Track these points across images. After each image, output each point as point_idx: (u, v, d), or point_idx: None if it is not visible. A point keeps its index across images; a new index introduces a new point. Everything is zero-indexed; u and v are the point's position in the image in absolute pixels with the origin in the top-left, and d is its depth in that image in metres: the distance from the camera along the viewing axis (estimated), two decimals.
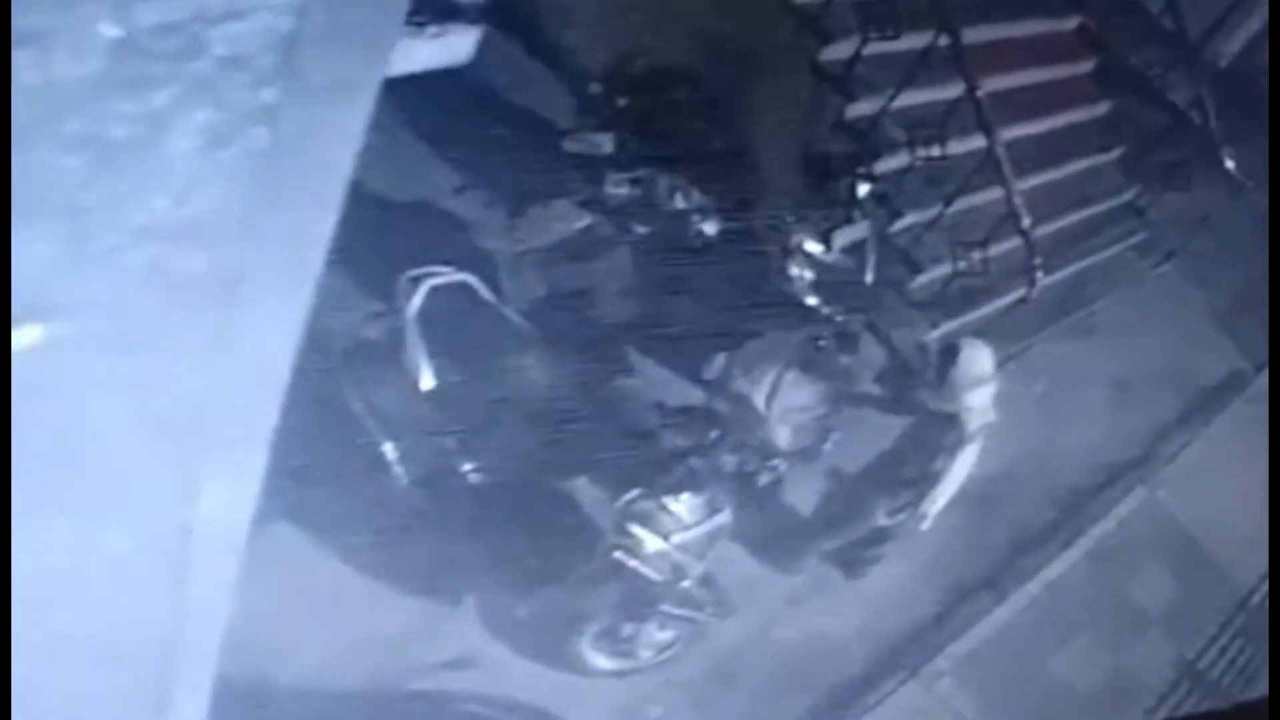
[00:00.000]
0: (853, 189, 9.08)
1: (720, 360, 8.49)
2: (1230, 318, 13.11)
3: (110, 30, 1.39)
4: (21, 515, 1.77)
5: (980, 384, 8.32)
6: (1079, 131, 12.50)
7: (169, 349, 1.75)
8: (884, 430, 8.96)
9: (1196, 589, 11.17)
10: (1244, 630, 11.09)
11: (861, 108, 10.09)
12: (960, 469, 8.51)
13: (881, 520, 8.81)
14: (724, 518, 7.68)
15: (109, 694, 2.29)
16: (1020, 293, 10.05)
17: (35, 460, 1.73)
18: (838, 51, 9.95)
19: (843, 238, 9.09)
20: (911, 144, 9.89)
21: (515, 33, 9.66)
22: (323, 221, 1.82)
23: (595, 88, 9.19)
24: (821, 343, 8.31)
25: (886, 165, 10.00)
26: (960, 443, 8.38)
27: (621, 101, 9.05)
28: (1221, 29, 13.22)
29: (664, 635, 8.05)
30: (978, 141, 9.91)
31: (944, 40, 9.54)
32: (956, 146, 9.95)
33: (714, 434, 7.74)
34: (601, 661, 7.97)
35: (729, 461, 7.80)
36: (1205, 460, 11.90)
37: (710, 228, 8.74)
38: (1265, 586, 11.02)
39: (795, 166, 9.80)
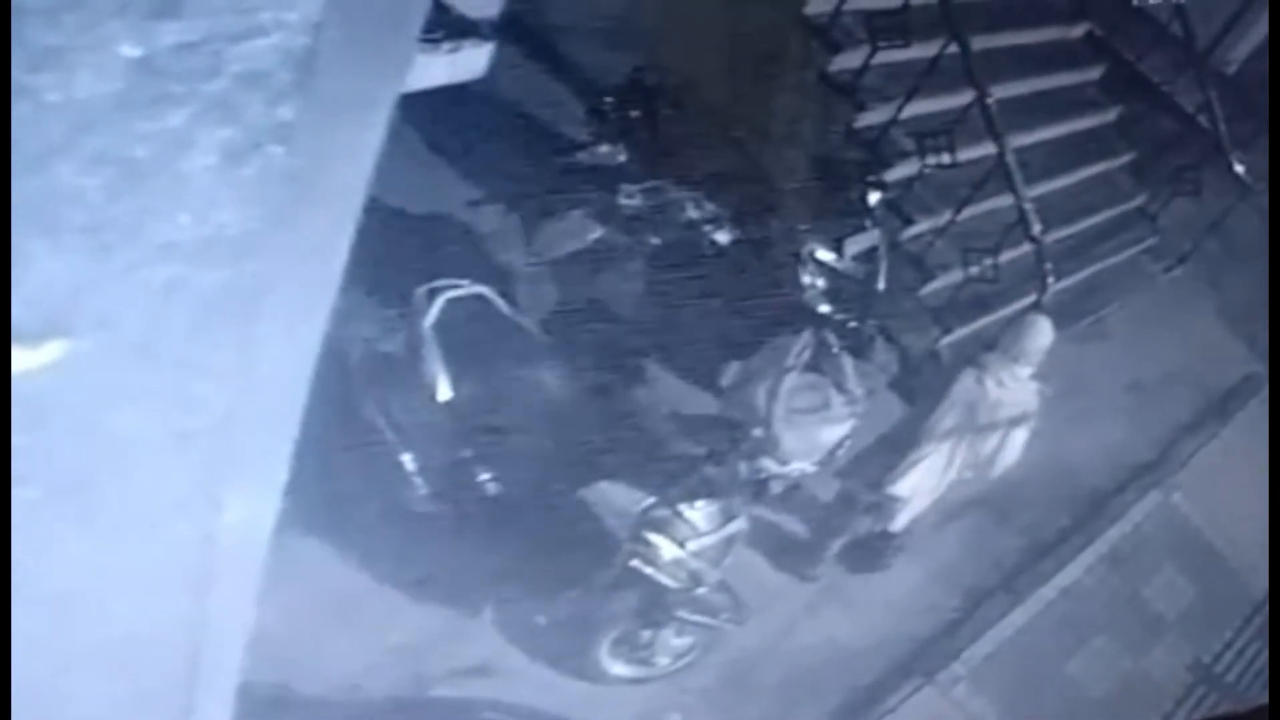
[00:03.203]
0: (864, 197, 9.08)
1: (734, 368, 8.51)
2: (1243, 320, 13.07)
3: (130, 50, 1.42)
4: (47, 526, 1.80)
5: (1033, 356, 8.45)
6: (1088, 138, 12.50)
7: (191, 363, 1.78)
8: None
9: (1212, 592, 11.14)
10: (1260, 633, 11.05)
11: (871, 116, 10.11)
12: (933, 466, 8.58)
13: (862, 497, 8.83)
14: (739, 524, 7.69)
15: (135, 701, 2.32)
16: (1032, 298, 10.05)
17: (60, 472, 1.76)
18: (847, 61, 9.97)
19: (854, 245, 9.11)
20: (921, 152, 9.90)
21: (529, 48, 9.69)
22: (340, 236, 1.85)
23: (608, 100, 9.18)
24: (834, 350, 8.33)
25: (897, 173, 10.02)
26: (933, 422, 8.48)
27: (634, 114, 9.05)
28: (1229, 35, 13.21)
29: (681, 642, 8.06)
30: (987, 149, 9.92)
31: (953, 49, 9.56)
32: (966, 154, 9.94)
33: (728, 441, 7.75)
34: (619, 669, 7.99)
35: (744, 469, 7.82)
36: (1220, 463, 11.87)
37: (723, 237, 8.76)
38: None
39: (806, 175, 9.81)
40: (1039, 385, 8.66)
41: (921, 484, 8.70)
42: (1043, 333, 8.56)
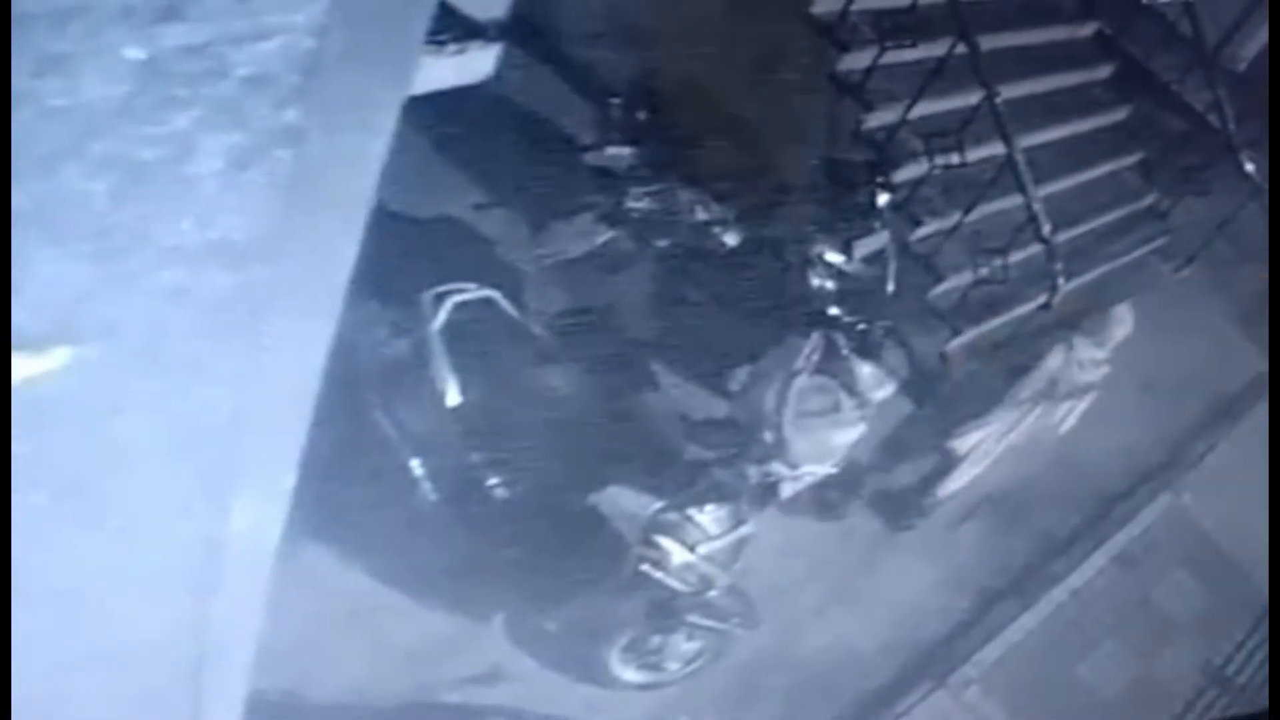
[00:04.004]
0: (872, 198, 9.06)
1: (743, 371, 8.49)
2: (1252, 321, 13.02)
3: (136, 54, 1.41)
4: (53, 531, 1.79)
5: (1113, 341, 9.65)
6: (1098, 137, 12.47)
7: (197, 368, 1.77)
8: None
9: (1222, 594, 11.11)
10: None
11: (880, 117, 10.06)
12: (997, 430, 8.92)
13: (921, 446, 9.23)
14: (749, 528, 7.67)
15: (142, 708, 2.31)
16: (1042, 299, 10.02)
17: (66, 478, 1.75)
18: (855, 61, 9.93)
19: (863, 247, 9.09)
20: (930, 153, 9.86)
21: (536, 50, 9.67)
22: (347, 240, 1.83)
23: (615, 102, 9.17)
24: (843, 352, 8.31)
25: (905, 174, 9.97)
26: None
27: (642, 115, 9.04)
28: (1238, 33, 13.18)
29: (691, 646, 8.03)
30: (996, 149, 9.89)
31: (961, 48, 9.53)
32: (975, 154, 9.92)
33: (738, 445, 7.74)
34: (629, 674, 7.96)
35: (753, 472, 7.81)
36: (1230, 465, 11.84)
37: (731, 239, 8.75)
38: None
39: (815, 177, 9.79)
40: (1107, 368, 9.67)
41: (980, 444, 9.13)
42: (1124, 322, 9.73)
